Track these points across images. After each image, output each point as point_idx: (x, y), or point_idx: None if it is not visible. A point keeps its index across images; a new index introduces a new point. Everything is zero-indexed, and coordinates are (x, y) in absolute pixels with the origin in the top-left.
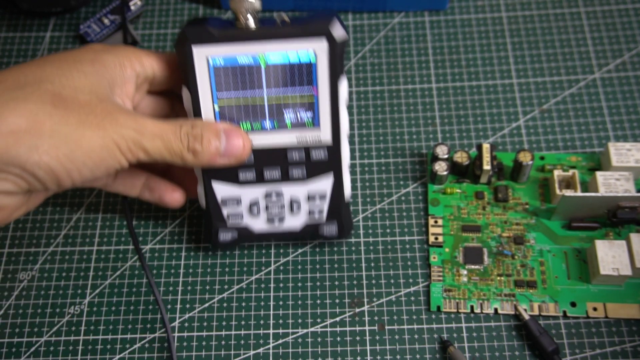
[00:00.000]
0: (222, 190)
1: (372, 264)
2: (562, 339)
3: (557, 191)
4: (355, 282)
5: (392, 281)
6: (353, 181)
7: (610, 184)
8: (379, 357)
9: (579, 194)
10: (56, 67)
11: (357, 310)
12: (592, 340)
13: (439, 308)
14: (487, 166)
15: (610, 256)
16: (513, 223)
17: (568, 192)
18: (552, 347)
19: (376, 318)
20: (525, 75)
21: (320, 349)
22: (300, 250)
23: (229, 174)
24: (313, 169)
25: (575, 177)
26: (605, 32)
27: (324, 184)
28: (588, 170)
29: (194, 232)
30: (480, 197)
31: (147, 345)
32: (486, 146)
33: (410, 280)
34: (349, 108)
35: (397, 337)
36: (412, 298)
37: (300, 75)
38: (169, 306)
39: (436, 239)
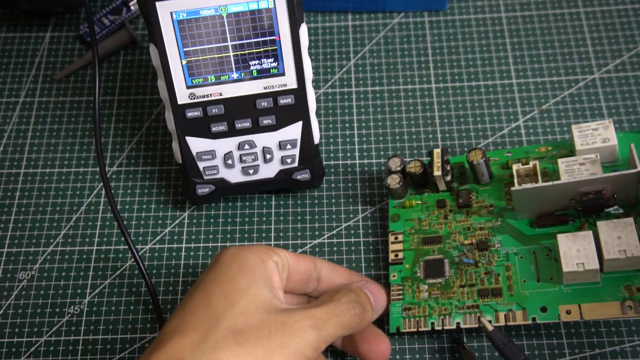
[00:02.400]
0: (196, 144)
1: (372, 264)
2: (562, 339)
3: (515, 186)
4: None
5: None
6: (352, 181)
7: (574, 170)
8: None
9: (528, 186)
10: (220, 296)
11: None
12: (592, 340)
13: (398, 329)
14: (437, 172)
15: (575, 250)
16: (477, 228)
17: (519, 187)
18: (520, 359)
19: None
20: (525, 76)
21: None
22: (300, 250)
23: (202, 129)
24: (282, 117)
25: (536, 168)
26: (605, 32)
27: (294, 131)
28: (558, 159)
29: (194, 232)
30: (441, 205)
31: (147, 345)
32: (437, 151)
33: None
34: (349, 108)
35: (396, 336)
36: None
37: (261, 23)
38: (169, 306)
39: (396, 255)
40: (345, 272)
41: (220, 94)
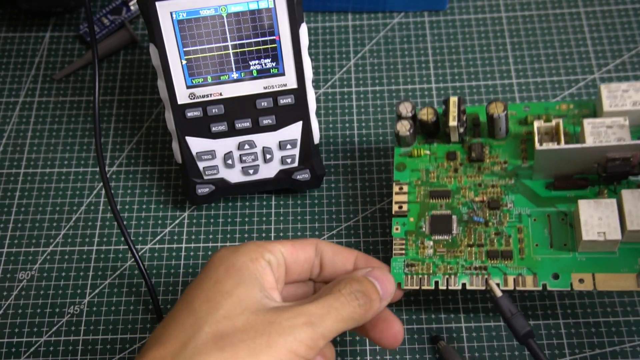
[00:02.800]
0: (196, 144)
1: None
2: (562, 339)
3: (537, 145)
4: None
5: None
6: (352, 181)
7: (601, 133)
8: (378, 357)
9: (554, 147)
10: (203, 300)
11: None
12: (592, 341)
13: (399, 285)
14: (453, 122)
15: (596, 218)
16: (488, 185)
17: (544, 146)
18: (525, 330)
19: None
20: (525, 76)
21: None
22: None
23: (202, 129)
24: (282, 117)
25: (559, 127)
26: (605, 32)
27: (294, 131)
28: (581, 118)
29: (193, 232)
30: (451, 158)
31: None
32: (453, 99)
33: None
34: (349, 108)
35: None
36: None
37: (261, 23)
38: (169, 306)
39: (400, 207)
40: (349, 256)
41: (220, 94)
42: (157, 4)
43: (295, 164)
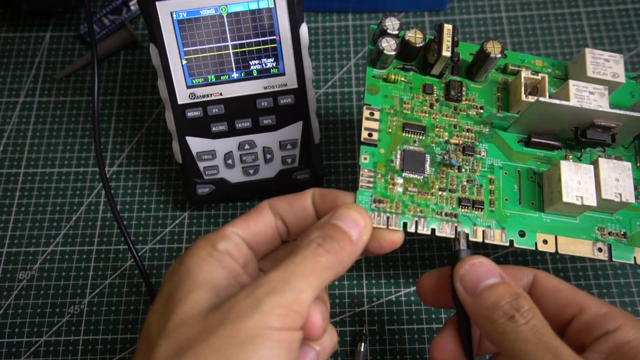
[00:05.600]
0: (196, 144)
1: (372, 264)
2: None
3: (523, 96)
4: (355, 282)
5: (392, 281)
6: (353, 181)
7: (583, 97)
8: (378, 358)
9: (557, 101)
10: (155, 320)
11: (357, 310)
12: None
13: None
14: (446, 52)
15: (576, 182)
16: (464, 129)
17: (542, 98)
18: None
19: (376, 318)
20: None
21: None
22: None
23: (202, 129)
24: (282, 117)
25: (544, 82)
26: (605, 32)
27: (294, 131)
28: (553, 78)
29: (193, 232)
30: (428, 91)
31: None
32: (448, 27)
33: (410, 281)
34: (349, 108)
35: (397, 337)
36: (412, 298)
37: (262, 22)
38: None
39: (370, 135)
40: (305, 198)
41: (221, 94)
42: (157, 3)
43: (296, 164)
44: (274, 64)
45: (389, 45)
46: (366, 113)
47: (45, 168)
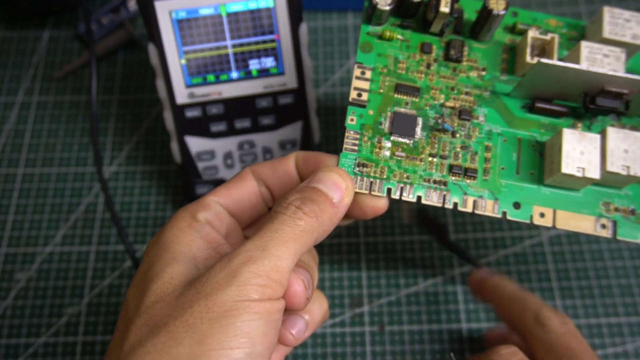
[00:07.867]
0: (195, 144)
1: (372, 264)
2: None
3: (528, 58)
4: (355, 282)
5: (392, 281)
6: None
7: (596, 60)
8: (378, 358)
9: (559, 62)
10: (133, 297)
11: (357, 310)
12: (592, 341)
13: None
14: (445, 7)
15: (578, 152)
16: (462, 92)
17: (545, 59)
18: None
19: (376, 318)
20: None
21: (319, 350)
22: None
23: (202, 128)
24: (282, 116)
25: (554, 42)
26: None
27: (294, 130)
28: (568, 40)
29: None
30: (426, 50)
31: None
32: None
33: (410, 281)
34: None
35: (397, 337)
36: (413, 298)
37: (261, 22)
38: None
39: (359, 95)
40: (288, 162)
41: (220, 94)
42: (156, 3)
43: None
44: (274, 64)
45: (383, 0)
46: (357, 72)
47: (44, 168)
